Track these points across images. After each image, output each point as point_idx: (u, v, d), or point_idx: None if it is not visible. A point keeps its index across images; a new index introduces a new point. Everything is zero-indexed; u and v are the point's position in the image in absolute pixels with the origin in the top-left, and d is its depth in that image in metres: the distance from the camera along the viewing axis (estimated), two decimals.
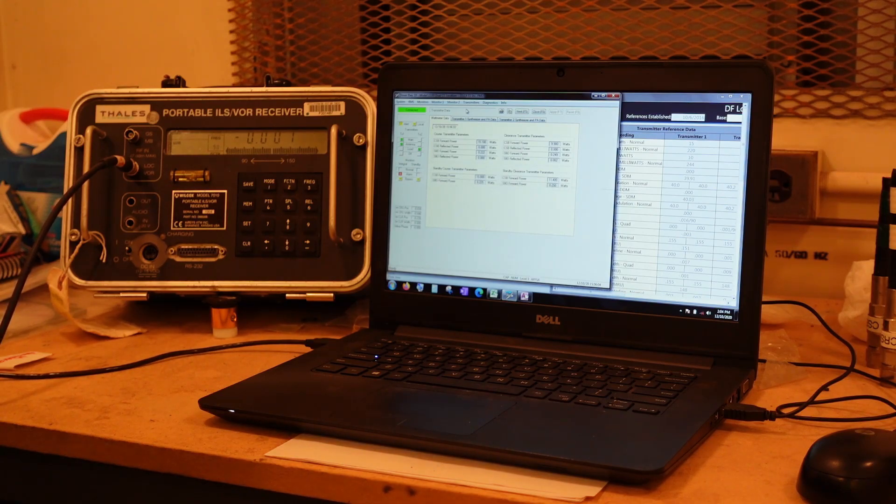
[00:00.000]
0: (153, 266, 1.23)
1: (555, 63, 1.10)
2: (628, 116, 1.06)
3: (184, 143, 1.25)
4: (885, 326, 1.02)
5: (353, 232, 1.21)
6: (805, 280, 1.40)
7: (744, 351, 1.01)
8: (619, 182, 1.06)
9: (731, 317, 1.01)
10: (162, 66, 1.61)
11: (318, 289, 1.21)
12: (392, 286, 1.15)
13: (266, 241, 1.22)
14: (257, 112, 1.25)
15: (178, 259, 1.23)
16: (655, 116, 1.05)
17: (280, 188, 1.23)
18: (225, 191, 1.24)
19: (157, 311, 1.31)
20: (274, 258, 1.22)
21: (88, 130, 1.23)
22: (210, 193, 1.24)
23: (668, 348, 1.03)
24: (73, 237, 1.23)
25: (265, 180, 1.23)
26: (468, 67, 1.20)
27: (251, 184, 1.23)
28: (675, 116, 1.04)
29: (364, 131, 1.22)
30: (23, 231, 1.50)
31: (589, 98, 1.08)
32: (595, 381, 0.96)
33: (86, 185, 1.21)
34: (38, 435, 0.94)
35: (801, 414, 0.91)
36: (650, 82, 1.05)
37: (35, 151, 1.58)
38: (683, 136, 1.04)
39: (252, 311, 1.27)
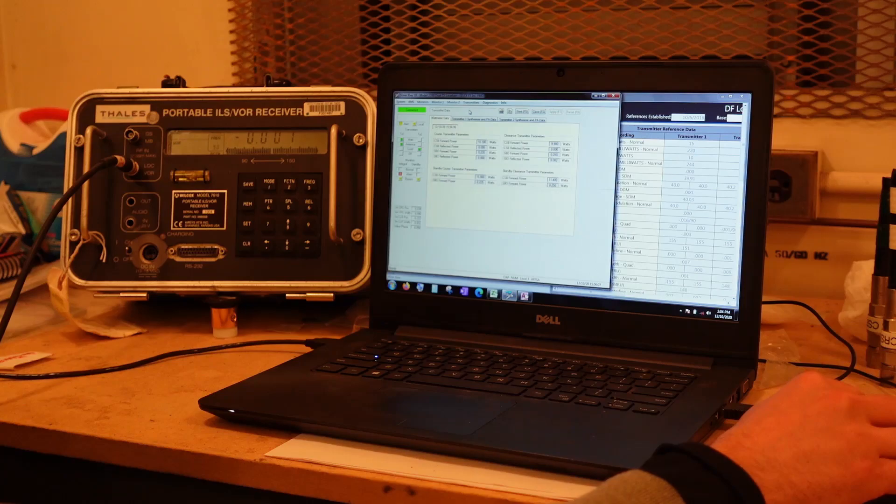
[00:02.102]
0: (153, 266, 1.23)
1: (555, 63, 1.10)
2: (628, 116, 1.06)
3: (184, 143, 1.25)
4: (885, 326, 1.02)
5: (353, 232, 1.21)
6: (805, 280, 1.40)
7: (744, 351, 1.01)
8: (619, 182, 1.06)
9: (731, 317, 1.01)
10: (162, 66, 1.61)
11: (318, 289, 1.21)
12: (392, 286, 1.15)
13: (266, 241, 1.22)
14: (257, 112, 1.25)
15: (178, 259, 1.23)
16: (655, 116, 1.05)
17: (280, 188, 1.23)
18: (225, 191, 1.24)
19: (157, 311, 1.31)
20: (274, 258, 1.22)
21: (88, 130, 1.23)
22: (210, 193, 1.24)
23: (668, 348, 1.03)
24: (73, 237, 1.23)
25: (265, 180, 1.23)
26: (468, 67, 1.20)
27: (251, 184, 1.23)
28: (675, 116, 1.04)
29: (364, 131, 1.22)
30: (23, 231, 1.50)
31: (589, 98, 1.08)
32: (595, 381, 0.96)
33: (86, 185, 1.21)
34: (38, 435, 0.94)
35: None
36: (650, 82, 1.05)
37: (35, 151, 1.58)
38: (683, 136, 1.04)
39: (252, 311, 1.27)
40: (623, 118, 1.06)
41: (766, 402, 0.76)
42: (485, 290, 1.11)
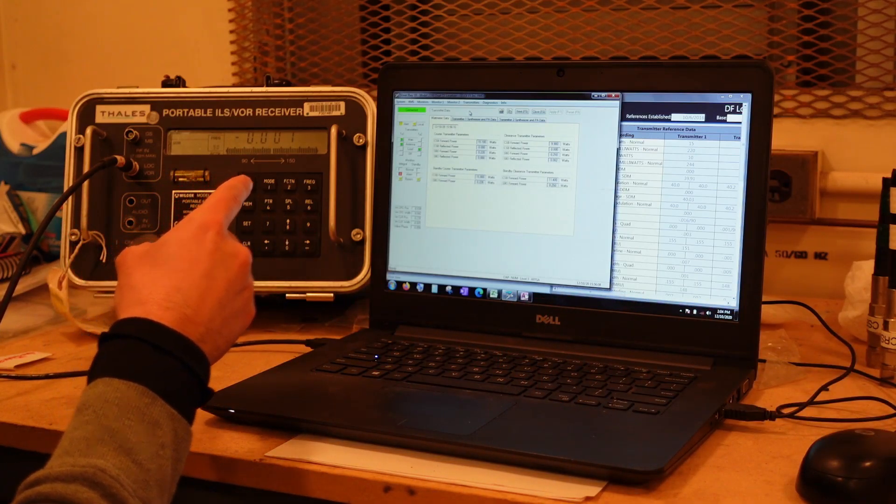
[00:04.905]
0: None
1: (555, 63, 1.10)
2: (628, 116, 1.06)
3: (184, 143, 1.25)
4: (885, 326, 1.02)
5: (353, 232, 1.21)
6: (805, 280, 1.40)
7: (744, 351, 1.01)
8: (619, 182, 1.06)
9: (731, 317, 1.01)
10: (162, 66, 1.61)
11: (318, 289, 1.21)
12: (392, 286, 1.15)
13: (266, 241, 1.22)
14: (257, 112, 1.25)
15: None
16: (655, 116, 1.05)
17: (280, 188, 1.23)
18: None
19: None
20: (274, 258, 1.22)
21: (88, 130, 1.23)
22: (210, 193, 1.23)
23: (668, 348, 1.03)
24: (73, 237, 1.23)
25: (265, 180, 1.23)
26: (468, 67, 1.20)
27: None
28: (675, 116, 1.04)
29: (364, 131, 1.22)
30: (23, 231, 1.50)
31: (589, 98, 1.08)
32: (595, 381, 0.96)
33: (86, 184, 1.21)
34: (38, 435, 0.94)
35: (801, 414, 0.91)
36: (650, 82, 1.05)
37: (35, 151, 1.58)
38: (683, 136, 1.04)
39: None
40: (623, 118, 1.06)
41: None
42: (485, 290, 1.11)
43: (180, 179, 1.24)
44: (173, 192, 1.24)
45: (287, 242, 1.22)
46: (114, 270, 1.22)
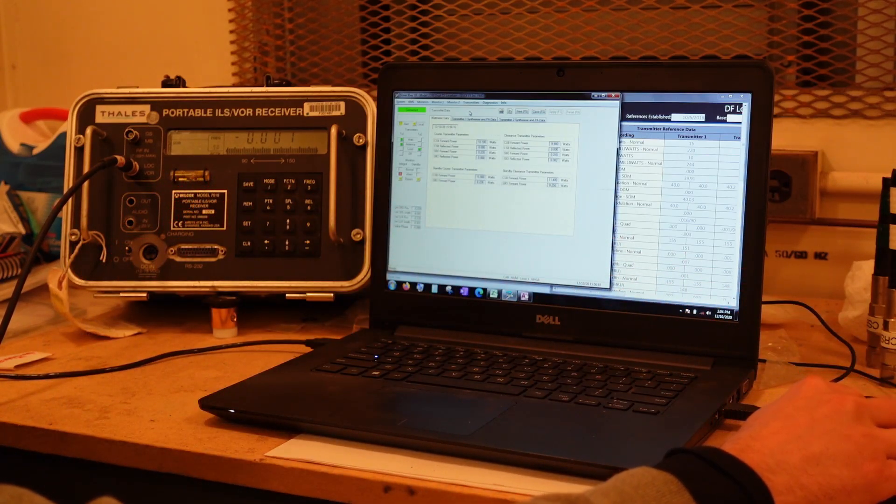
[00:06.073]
0: (153, 266, 1.23)
1: (555, 63, 1.10)
2: (628, 116, 1.06)
3: (184, 143, 1.25)
4: (885, 326, 1.02)
5: (353, 232, 1.21)
6: (805, 280, 1.40)
7: (744, 351, 1.01)
8: (619, 182, 1.06)
9: (731, 317, 1.01)
10: (162, 66, 1.61)
11: (318, 289, 1.21)
12: (392, 286, 1.15)
13: (266, 241, 1.22)
14: (257, 112, 1.25)
15: (178, 259, 1.23)
16: (655, 116, 1.05)
17: (280, 188, 1.23)
18: (225, 191, 1.24)
19: (157, 311, 1.31)
20: (274, 258, 1.22)
21: (88, 130, 1.23)
22: (210, 193, 1.24)
23: (668, 348, 1.03)
24: (73, 237, 1.23)
25: (265, 180, 1.23)
26: (468, 67, 1.20)
27: (251, 184, 1.23)
28: (675, 116, 1.04)
29: (364, 131, 1.22)
30: (23, 231, 1.50)
31: (589, 98, 1.08)
32: (595, 381, 0.96)
33: (86, 185, 1.21)
34: (38, 435, 0.94)
35: None
36: (650, 82, 1.05)
37: (35, 151, 1.58)
38: (683, 136, 1.04)
39: (252, 311, 1.27)
40: (623, 118, 1.06)
41: (771, 406, 0.77)
42: (485, 290, 1.11)
43: (180, 179, 1.24)
44: (173, 192, 1.24)
45: (287, 242, 1.22)
46: (113, 271, 1.24)
